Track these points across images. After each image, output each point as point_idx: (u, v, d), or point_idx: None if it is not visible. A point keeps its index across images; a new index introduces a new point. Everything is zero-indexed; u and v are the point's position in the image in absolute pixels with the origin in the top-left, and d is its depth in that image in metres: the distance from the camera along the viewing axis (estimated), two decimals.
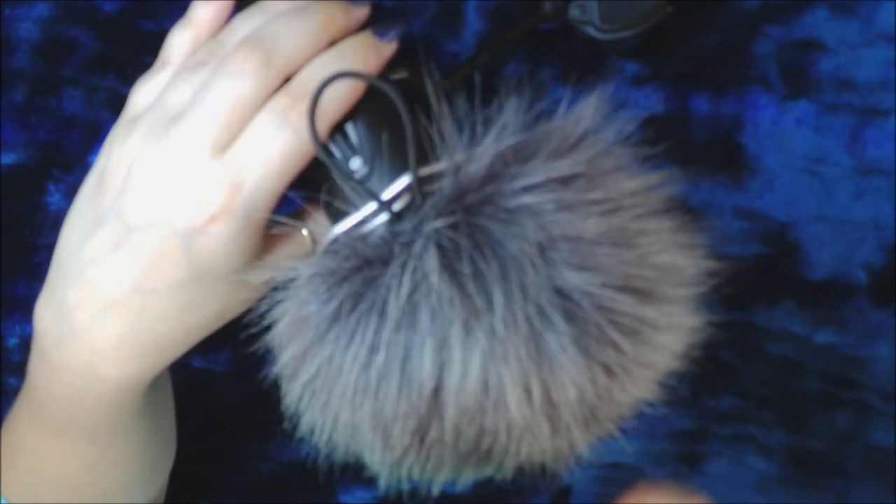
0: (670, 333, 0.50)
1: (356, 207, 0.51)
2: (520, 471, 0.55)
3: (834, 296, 0.72)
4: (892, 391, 0.74)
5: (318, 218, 0.56)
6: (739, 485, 0.78)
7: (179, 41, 0.56)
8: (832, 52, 0.69)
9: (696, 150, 0.70)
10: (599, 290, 0.47)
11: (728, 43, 0.70)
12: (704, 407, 0.76)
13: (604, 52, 0.70)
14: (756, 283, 0.72)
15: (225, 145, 0.51)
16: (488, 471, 0.52)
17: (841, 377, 0.74)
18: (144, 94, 0.56)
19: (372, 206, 0.50)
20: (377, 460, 0.51)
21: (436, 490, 0.54)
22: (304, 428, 0.52)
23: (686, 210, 0.51)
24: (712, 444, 0.77)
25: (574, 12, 0.63)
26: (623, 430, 0.53)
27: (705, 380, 0.75)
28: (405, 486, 0.53)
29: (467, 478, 0.53)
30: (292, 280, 0.50)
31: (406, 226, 0.49)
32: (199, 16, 0.56)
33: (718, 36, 0.70)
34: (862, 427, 0.76)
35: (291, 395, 0.51)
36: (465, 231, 0.47)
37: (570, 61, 0.69)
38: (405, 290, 0.47)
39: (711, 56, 0.70)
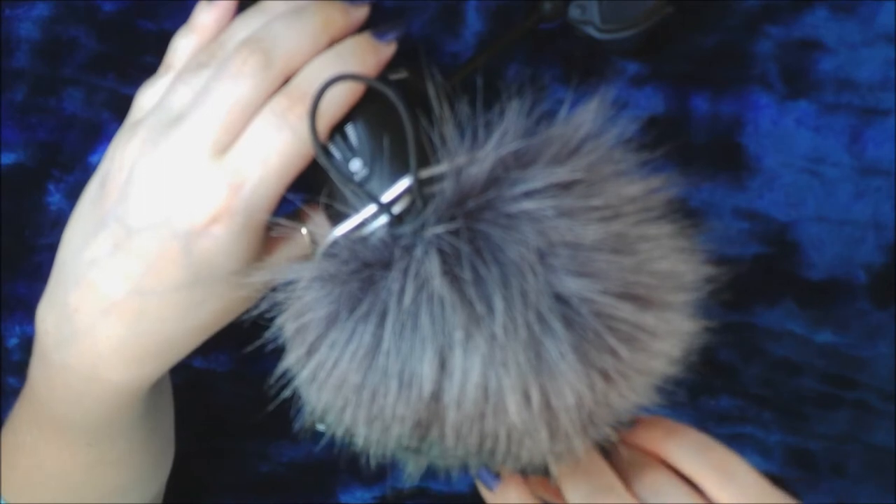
0: (669, 340, 0.50)
1: (356, 210, 0.51)
2: (521, 472, 0.55)
3: (834, 296, 0.72)
4: (892, 391, 0.74)
5: (319, 220, 0.56)
6: None
7: (184, 46, 0.56)
8: (832, 52, 0.69)
9: (696, 150, 0.70)
10: (598, 296, 0.47)
11: (728, 43, 0.70)
12: (704, 407, 0.76)
13: (604, 52, 0.69)
14: (756, 283, 0.72)
15: (225, 147, 0.51)
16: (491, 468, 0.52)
17: (841, 377, 0.74)
18: (148, 98, 0.56)
19: (372, 208, 0.50)
20: (374, 456, 0.51)
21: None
22: (307, 425, 0.52)
23: (686, 213, 0.51)
24: None
25: (574, 12, 0.63)
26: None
27: (705, 380, 0.75)
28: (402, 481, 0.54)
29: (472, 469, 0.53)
30: (293, 282, 0.51)
31: (406, 229, 0.49)
32: (202, 20, 0.56)
33: (718, 36, 0.70)
34: (862, 427, 0.76)
35: (297, 394, 0.51)
36: (466, 236, 0.47)
37: (570, 62, 0.69)
38: (407, 295, 0.47)
39: (711, 56, 0.70)
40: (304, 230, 0.56)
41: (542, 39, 0.69)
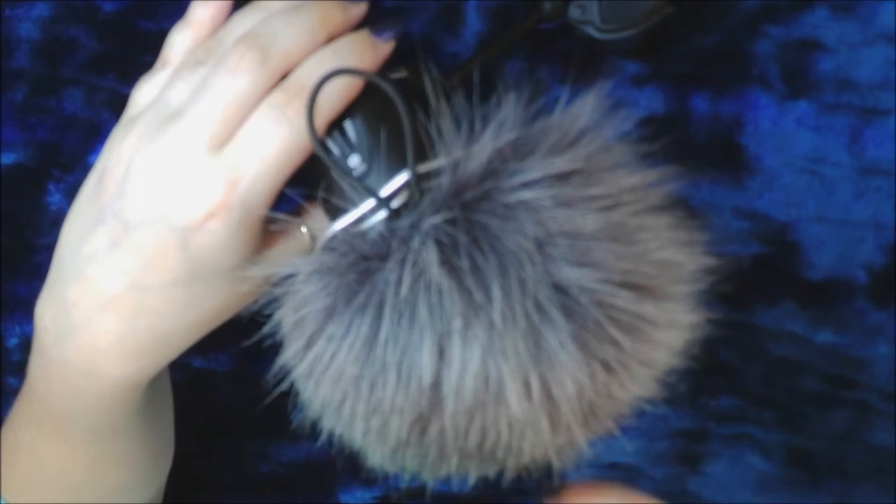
0: (669, 330, 0.50)
1: (354, 204, 0.51)
2: (523, 470, 0.55)
3: (834, 296, 0.72)
4: (892, 391, 0.74)
5: (317, 215, 0.56)
6: (739, 485, 0.78)
7: (180, 41, 0.56)
8: (832, 52, 0.69)
9: (696, 149, 0.70)
10: (598, 285, 0.47)
11: (728, 43, 0.70)
12: (704, 407, 0.76)
13: (604, 52, 0.70)
14: (756, 283, 0.72)
15: (222, 142, 0.51)
16: (492, 469, 0.52)
17: (841, 377, 0.74)
18: (145, 93, 0.56)
19: (370, 202, 0.50)
20: (374, 452, 0.51)
21: (434, 484, 0.54)
22: (306, 422, 0.52)
23: (685, 208, 0.51)
24: (712, 444, 0.77)
25: (574, 12, 0.63)
26: (623, 430, 0.53)
27: (705, 379, 0.75)
28: (405, 480, 0.53)
29: (472, 474, 0.53)
30: (291, 276, 0.51)
31: (404, 222, 0.49)
32: (198, 16, 0.56)
33: (718, 36, 0.70)
34: (862, 427, 0.76)
35: (295, 389, 0.51)
36: (464, 227, 0.47)
37: (569, 61, 0.69)
38: (404, 284, 0.47)
39: (711, 56, 0.70)
40: (302, 226, 0.56)
41: (542, 39, 0.69)
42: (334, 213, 0.53)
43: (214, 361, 0.74)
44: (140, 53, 0.70)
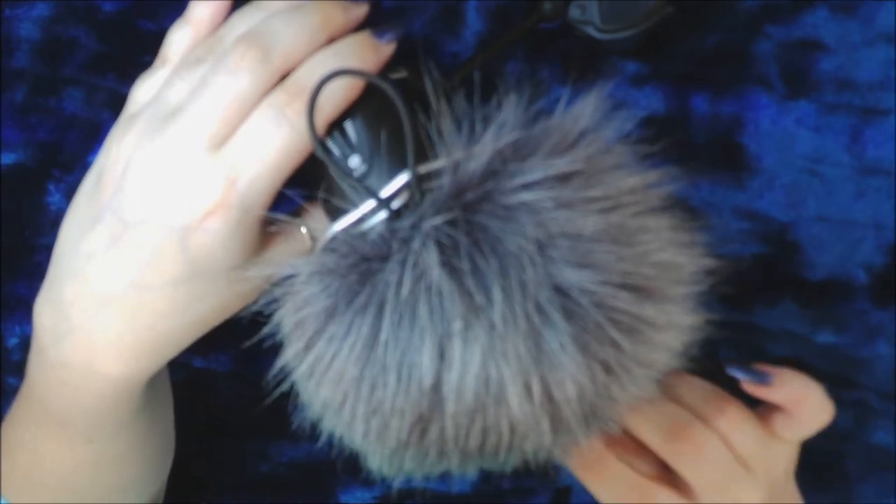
0: (669, 332, 0.50)
1: (355, 205, 0.51)
2: (524, 470, 0.55)
3: (834, 296, 0.72)
4: (892, 391, 0.74)
5: (317, 215, 0.56)
6: None
7: (179, 39, 0.56)
8: (832, 52, 0.69)
9: (696, 149, 0.70)
10: (598, 287, 0.47)
11: (728, 43, 0.70)
12: None
13: (604, 52, 0.70)
14: (756, 283, 0.72)
15: (222, 141, 0.51)
16: (494, 468, 0.52)
17: (841, 377, 0.74)
18: (144, 91, 0.56)
19: (370, 203, 0.50)
20: (374, 454, 0.51)
21: (432, 483, 0.54)
22: (306, 423, 0.52)
23: (686, 209, 0.51)
24: None
25: (574, 12, 0.63)
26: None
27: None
28: (402, 481, 0.53)
29: (471, 472, 0.53)
30: (292, 277, 0.51)
31: (405, 223, 0.49)
32: (197, 14, 0.56)
33: (718, 36, 0.70)
34: (862, 427, 0.76)
35: (296, 390, 0.51)
36: (464, 228, 0.47)
37: (569, 61, 0.69)
38: (405, 286, 0.47)
39: (711, 56, 0.70)
40: (302, 226, 0.56)
41: (542, 39, 0.69)
42: (334, 213, 0.53)
43: (214, 361, 0.74)
44: (140, 53, 0.70)
